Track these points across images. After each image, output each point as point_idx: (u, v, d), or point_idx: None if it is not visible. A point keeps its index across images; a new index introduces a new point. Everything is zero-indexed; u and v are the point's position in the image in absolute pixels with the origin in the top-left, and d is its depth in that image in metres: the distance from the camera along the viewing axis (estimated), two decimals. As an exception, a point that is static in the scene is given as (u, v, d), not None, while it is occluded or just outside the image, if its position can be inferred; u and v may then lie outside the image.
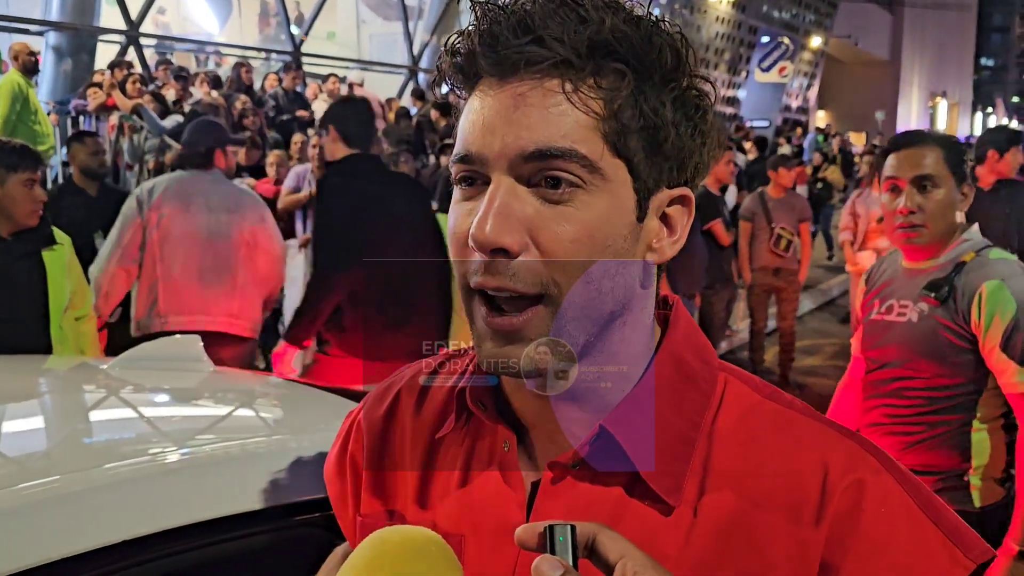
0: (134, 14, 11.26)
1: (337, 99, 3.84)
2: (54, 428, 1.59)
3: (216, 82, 9.39)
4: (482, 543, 0.81)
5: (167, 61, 10.71)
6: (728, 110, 22.11)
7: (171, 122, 7.42)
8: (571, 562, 0.63)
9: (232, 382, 2.17)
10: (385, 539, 0.70)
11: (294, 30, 14.08)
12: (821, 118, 28.71)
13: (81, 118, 7.93)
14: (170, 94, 8.59)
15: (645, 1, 0.77)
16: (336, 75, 10.85)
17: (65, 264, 3.13)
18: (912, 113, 34.91)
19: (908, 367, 2.13)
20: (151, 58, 11.56)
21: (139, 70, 9.63)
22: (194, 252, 3.58)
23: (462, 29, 0.76)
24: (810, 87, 27.44)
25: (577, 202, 0.73)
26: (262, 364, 4.78)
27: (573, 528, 0.64)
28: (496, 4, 0.74)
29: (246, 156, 7.00)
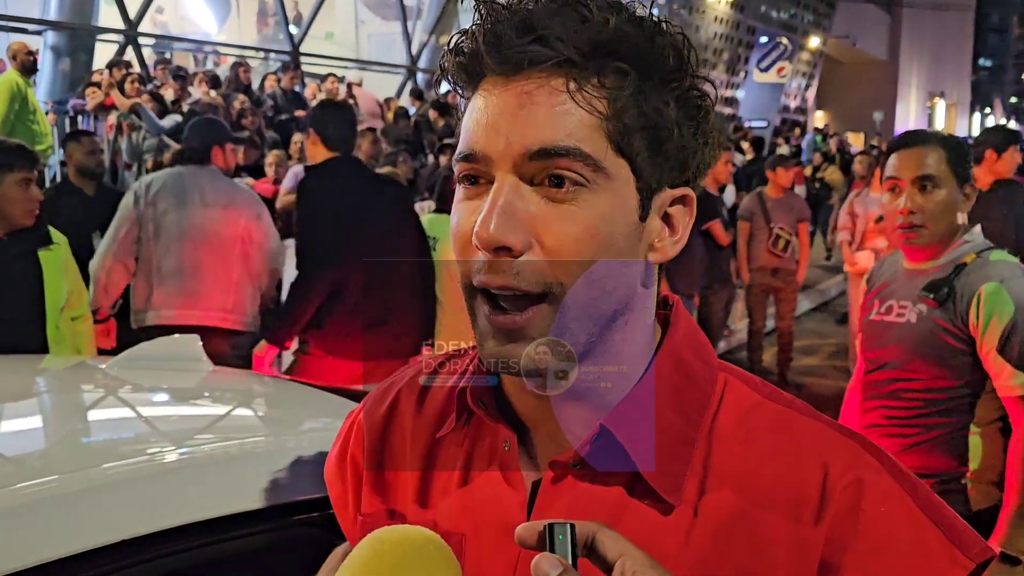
0: (132, 14, 11.25)
1: (318, 103, 3.85)
2: (52, 428, 1.59)
3: (215, 82, 9.38)
4: (483, 543, 0.81)
5: (165, 61, 10.71)
6: (726, 110, 22.10)
7: (169, 122, 7.42)
8: (570, 561, 0.63)
9: (231, 382, 2.16)
10: (383, 539, 0.70)
11: (292, 30, 14.06)
12: (819, 118, 28.71)
13: (79, 117, 7.92)
14: (168, 94, 8.58)
15: (646, 2, 0.77)
16: (335, 75, 10.84)
17: (61, 264, 3.13)
18: (910, 113, 34.91)
19: (906, 368, 2.12)
20: (149, 58, 11.55)
21: (137, 70, 9.61)
22: (188, 247, 3.62)
23: (465, 28, 0.76)
24: (808, 87, 27.43)
25: (581, 201, 0.73)
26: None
27: (572, 527, 0.64)
28: (500, 3, 0.74)
29: (245, 156, 6.99)
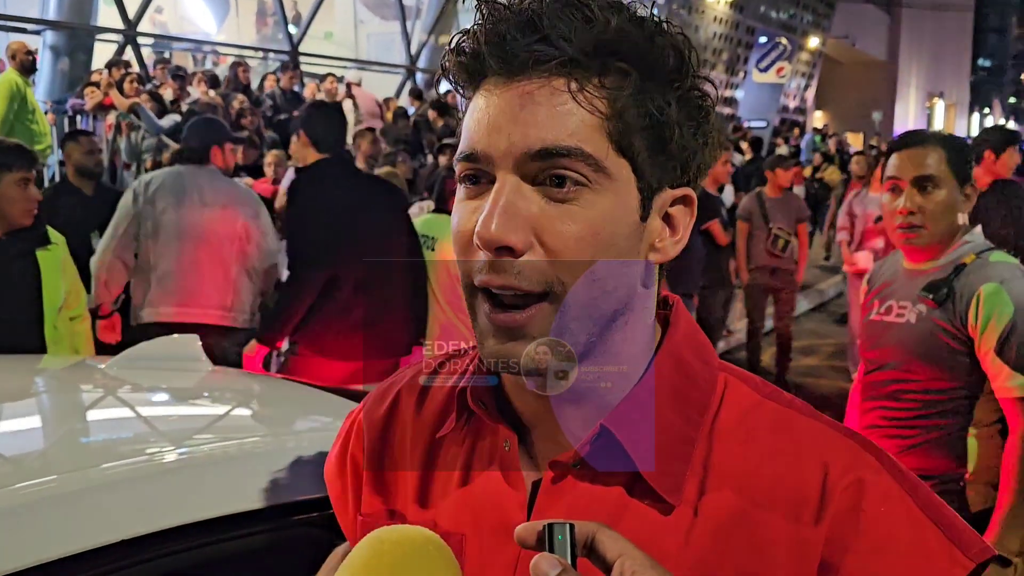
0: (131, 13, 11.24)
1: (308, 104, 3.86)
2: (51, 427, 1.59)
3: (214, 81, 9.38)
4: (483, 542, 0.81)
5: (164, 60, 10.70)
6: (725, 110, 22.09)
7: (168, 121, 7.41)
8: (570, 560, 0.63)
9: (230, 381, 2.16)
10: (382, 539, 0.70)
11: (291, 29, 14.05)
12: (819, 118, 28.69)
13: (78, 117, 7.92)
14: (167, 93, 8.57)
15: (647, 2, 0.77)
16: (334, 75, 10.82)
17: (59, 264, 3.13)
18: (909, 114, 34.88)
19: (905, 369, 2.11)
20: (148, 57, 11.54)
21: (136, 69, 9.60)
22: (186, 245, 3.64)
23: (466, 28, 0.76)
24: (808, 87, 27.41)
25: (582, 201, 0.73)
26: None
27: (572, 527, 0.64)
28: (502, 3, 0.74)
29: (244, 155, 6.99)
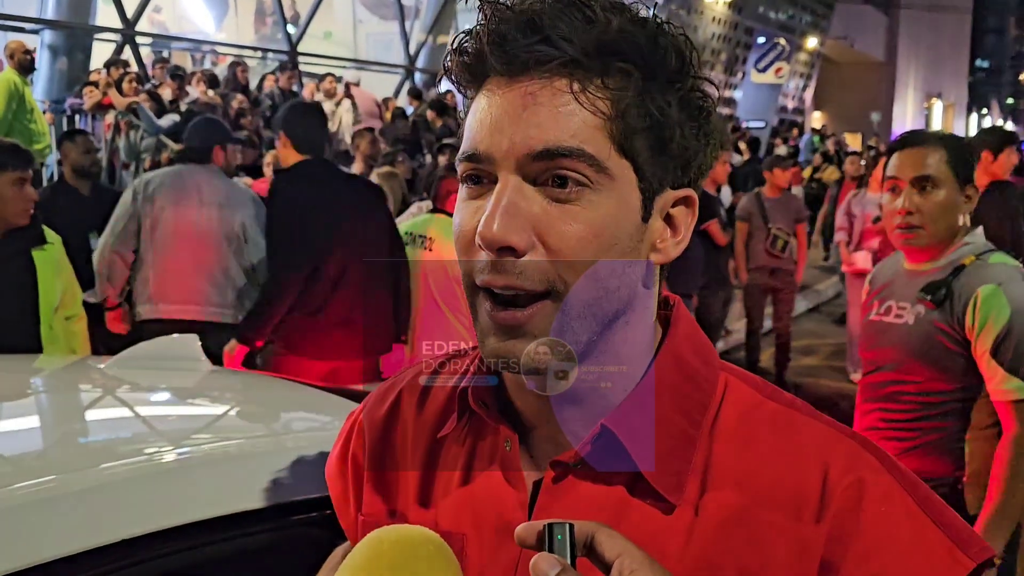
0: (130, 13, 11.22)
1: (288, 105, 3.89)
2: (51, 427, 1.59)
3: (212, 81, 9.36)
4: (484, 542, 0.81)
5: (163, 60, 10.68)
6: (724, 111, 22.10)
7: (167, 121, 7.40)
8: (569, 560, 0.63)
9: (230, 381, 2.16)
10: (382, 539, 0.70)
11: (290, 29, 14.05)
12: (817, 119, 28.66)
13: (77, 117, 7.91)
14: (166, 93, 8.56)
15: (648, 3, 0.77)
16: (332, 74, 10.82)
17: (56, 263, 3.13)
18: (908, 114, 34.87)
19: (903, 370, 2.11)
20: (147, 57, 11.52)
21: (135, 69, 9.59)
22: (185, 244, 3.67)
23: (469, 28, 0.76)
24: (806, 88, 27.40)
25: (584, 201, 0.73)
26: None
27: (571, 526, 0.64)
28: (504, 4, 0.74)
29: (242, 155, 6.99)
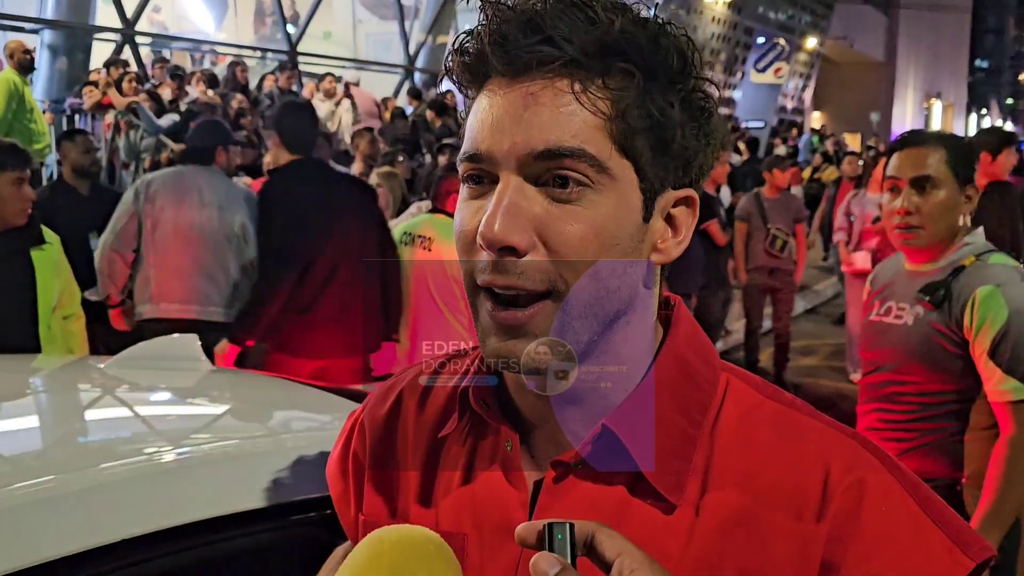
0: (129, 12, 11.22)
1: (279, 104, 3.91)
2: (50, 427, 1.59)
3: (212, 81, 9.36)
4: (484, 542, 0.81)
5: (163, 60, 10.67)
6: (723, 111, 22.08)
7: (167, 121, 7.40)
8: (569, 560, 0.63)
9: (229, 381, 2.16)
10: (383, 539, 0.70)
11: (290, 29, 14.04)
12: (816, 119, 28.67)
13: (77, 116, 7.91)
14: (166, 93, 8.56)
15: (649, 3, 0.77)
16: (332, 74, 10.81)
17: (54, 263, 3.13)
18: (907, 114, 34.85)
19: (901, 371, 2.10)
20: (147, 57, 11.51)
21: (135, 69, 9.58)
22: (186, 244, 3.69)
23: (470, 28, 0.76)
24: (805, 88, 27.39)
25: (585, 201, 0.73)
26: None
27: (571, 526, 0.64)
28: (505, 4, 0.74)
29: (242, 155, 6.99)
